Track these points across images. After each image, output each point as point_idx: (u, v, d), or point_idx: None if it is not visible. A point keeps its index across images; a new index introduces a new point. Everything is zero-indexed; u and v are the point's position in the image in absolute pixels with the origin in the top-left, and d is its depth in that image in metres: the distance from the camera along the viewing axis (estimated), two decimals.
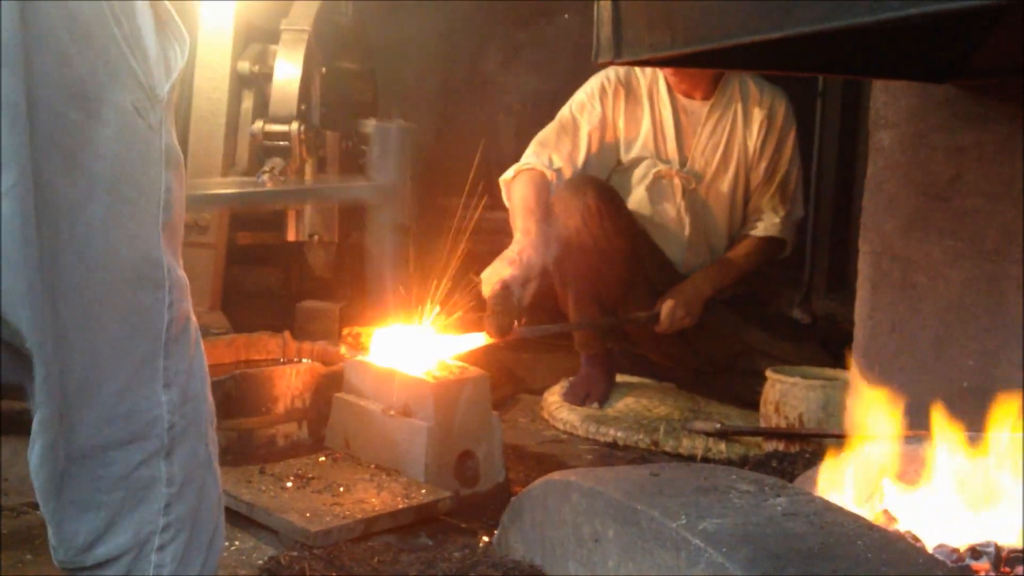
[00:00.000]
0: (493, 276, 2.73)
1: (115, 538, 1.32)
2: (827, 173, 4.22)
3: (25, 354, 1.22)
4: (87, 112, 1.21)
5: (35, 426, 1.27)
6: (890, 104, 2.32)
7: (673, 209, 3.28)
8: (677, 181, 3.25)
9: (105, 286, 1.27)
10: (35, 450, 1.28)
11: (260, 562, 1.94)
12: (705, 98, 3.24)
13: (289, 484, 2.27)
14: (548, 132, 3.20)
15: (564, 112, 3.24)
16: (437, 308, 2.63)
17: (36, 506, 2.22)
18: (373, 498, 2.22)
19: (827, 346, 3.29)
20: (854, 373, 2.42)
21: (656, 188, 3.27)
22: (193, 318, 1.39)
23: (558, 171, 3.12)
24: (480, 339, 2.67)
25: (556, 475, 1.81)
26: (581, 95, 3.26)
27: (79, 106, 1.21)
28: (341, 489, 2.26)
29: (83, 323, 1.26)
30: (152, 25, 1.29)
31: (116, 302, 1.28)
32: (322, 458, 2.45)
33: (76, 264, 1.24)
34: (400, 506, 2.20)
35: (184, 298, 1.34)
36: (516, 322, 2.71)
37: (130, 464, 1.31)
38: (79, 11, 1.20)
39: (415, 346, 2.55)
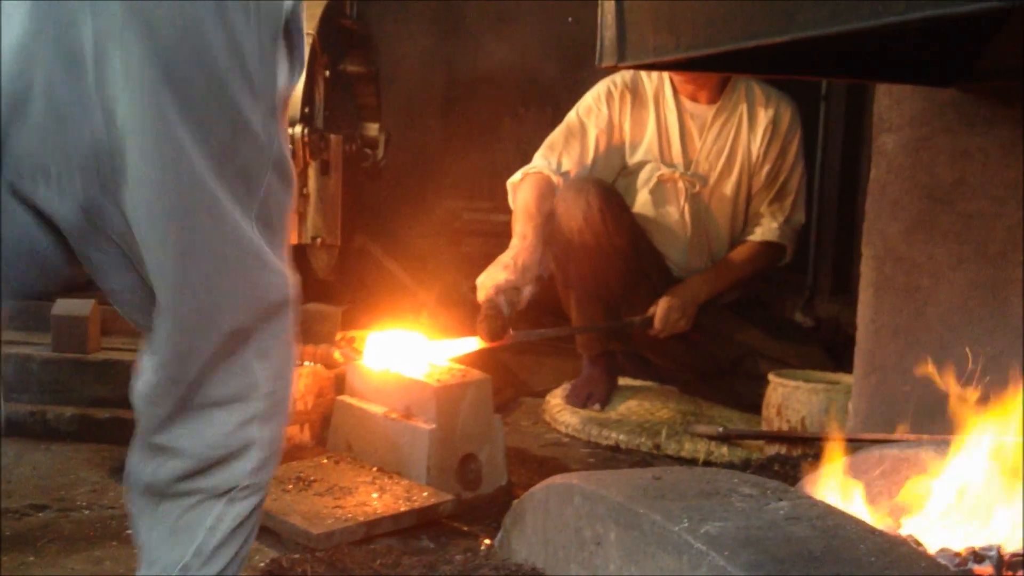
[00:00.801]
0: (488, 281, 2.74)
1: (203, 481, 1.41)
2: (831, 176, 4.21)
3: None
4: (234, 130, 1.32)
5: (153, 360, 1.37)
6: (894, 107, 2.31)
7: (676, 212, 3.28)
8: (681, 184, 3.25)
9: (225, 257, 1.36)
10: (151, 383, 1.39)
11: (262, 564, 1.94)
12: (711, 102, 3.24)
13: (291, 486, 2.27)
14: (556, 136, 3.21)
15: (571, 116, 3.25)
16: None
17: (39, 508, 2.23)
18: (375, 501, 2.22)
19: (830, 349, 3.29)
20: (857, 376, 2.42)
21: (660, 191, 3.27)
22: (290, 314, 1.46)
23: (565, 174, 3.12)
24: (473, 343, 2.67)
25: (558, 478, 1.81)
26: (588, 99, 3.27)
27: (230, 125, 1.32)
28: (343, 492, 2.26)
29: (206, 291, 1.36)
30: (285, 53, 1.40)
31: (231, 275, 1.37)
32: (324, 460, 2.45)
33: (202, 234, 1.33)
34: (402, 509, 2.20)
35: (288, 285, 1.43)
36: (509, 327, 2.71)
37: (231, 423, 1.41)
38: (238, 44, 1.29)
39: (408, 350, 2.55)
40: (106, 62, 1.22)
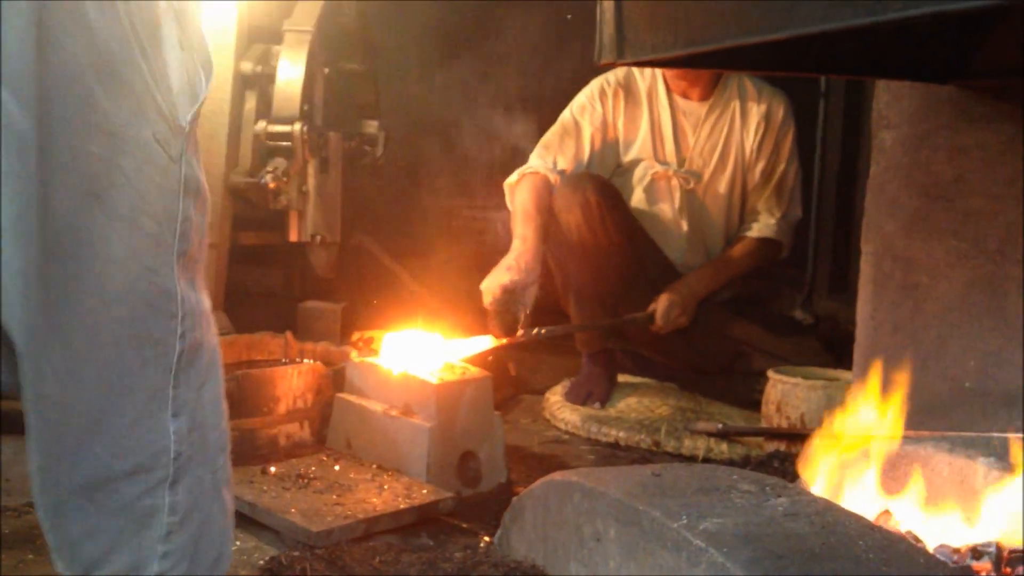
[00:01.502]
0: (492, 284, 2.76)
1: (115, 563, 1.31)
2: (830, 174, 4.21)
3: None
4: (110, 147, 1.20)
5: (29, 446, 1.29)
6: (892, 104, 2.31)
7: (671, 210, 3.28)
8: (675, 182, 3.26)
9: (121, 321, 1.26)
10: (32, 469, 1.30)
11: (261, 562, 1.94)
12: (703, 99, 3.24)
13: (290, 484, 2.27)
14: (551, 135, 3.22)
15: (565, 115, 3.25)
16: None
17: (32, 506, 2.23)
18: (375, 498, 2.22)
19: (829, 346, 3.29)
20: (856, 373, 2.42)
21: (654, 189, 3.27)
22: (210, 343, 1.37)
23: (562, 173, 3.13)
24: (486, 341, 2.69)
25: (558, 475, 1.81)
26: (582, 97, 3.27)
27: (102, 141, 1.20)
28: (342, 489, 2.26)
29: (98, 358, 1.26)
30: (179, 54, 1.28)
31: (131, 333, 1.27)
32: (324, 458, 2.45)
33: (95, 300, 1.23)
34: (402, 506, 2.20)
35: (197, 326, 1.33)
36: (519, 324, 2.73)
37: (133, 493, 1.30)
38: (107, 47, 1.19)
39: (423, 350, 2.56)
40: None
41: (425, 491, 2.28)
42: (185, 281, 1.31)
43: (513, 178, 3.13)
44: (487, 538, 2.10)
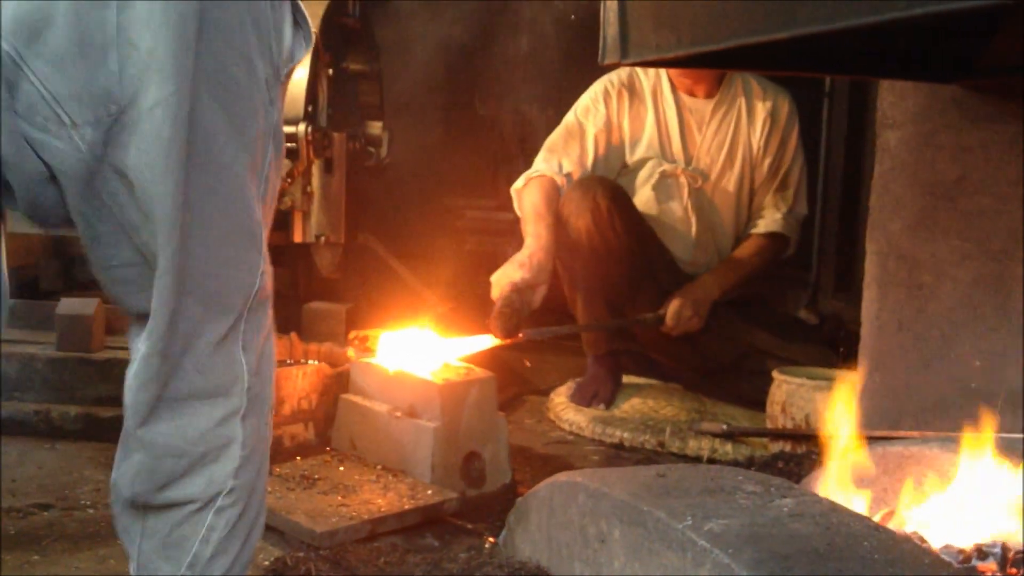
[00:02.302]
0: (503, 279, 2.76)
1: (187, 487, 1.37)
2: (834, 173, 4.21)
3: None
4: (248, 73, 1.30)
5: (145, 336, 1.33)
6: (897, 104, 2.31)
7: (680, 208, 3.28)
8: (683, 180, 3.26)
9: (228, 229, 1.33)
10: (140, 363, 1.34)
11: (266, 563, 1.94)
12: (708, 96, 3.24)
13: (295, 485, 2.27)
14: (555, 138, 3.22)
15: (569, 117, 3.25)
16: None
17: (43, 507, 2.24)
18: (379, 499, 2.22)
19: (834, 346, 3.28)
20: (861, 373, 2.41)
21: (662, 187, 3.27)
22: (270, 298, 1.43)
23: (568, 175, 3.13)
24: (486, 341, 2.68)
25: (562, 476, 1.81)
26: (585, 99, 3.27)
27: (244, 67, 1.29)
28: (347, 490, 2.26)
29: (205, 268, 1.32)
30: (290, 17, 1.39)
31: (229, 253, 1.34)
32: (328, 459, 2.45)
33: (211, 204, 1.29)
34: (406, 507, 2.20)
35: (269, 276, 1.40)
36: (523, 325, 2.72)
37: (213, 419, 1.37)
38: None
39: (422, 348, 2.56)
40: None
41: (430, 492, 2.28)
42: (265, 226, 1.38)
43: (519, 183, 3.13)
44: (491, 539, 2.11)
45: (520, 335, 2.73)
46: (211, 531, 1.40)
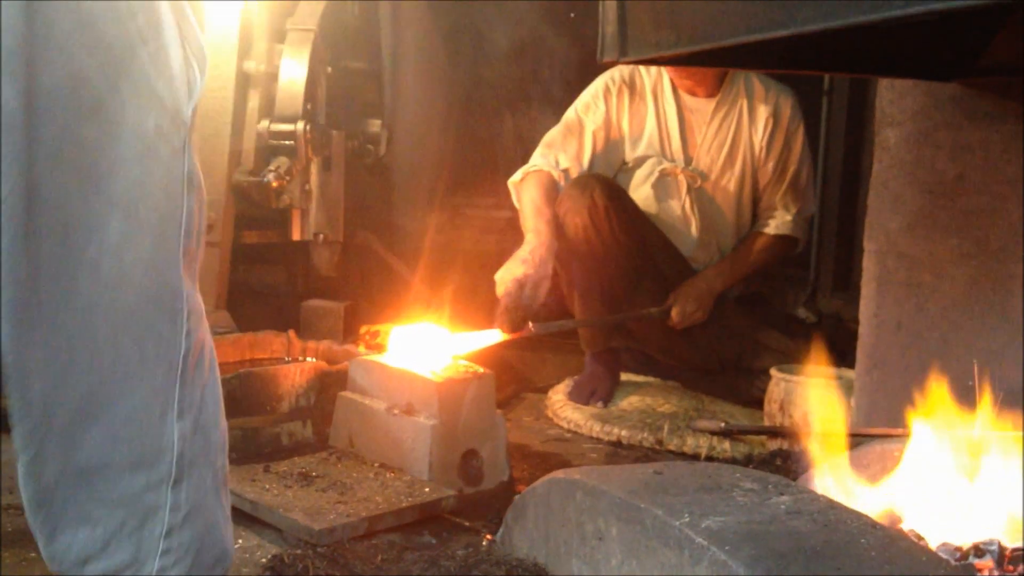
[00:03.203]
0: (507, 276, 2.76)
1: (113, 556, 1.30)
2: (833, 171, 4.21)
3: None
4: (104, 131, 1.19)
5: (16, 442, 1.27)
6: (896, 102, 2.31)
7: (679, 207, 3.28)
8: (682, 179, 3.26)
9: (118, 308, 1.25)
10: (20, 465, 1.28)
11: (264, 560, 1.94)
12: (709, 96, 3.24)
13: (293, 482, 2.27)
14: (554, 134, 3.22)
15: (569, 113, 3.26)
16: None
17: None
18: (377, 496, 2.22)
19: (832, 345, 3.28)
20: (859, 371, 2.42)
21: (661, 186, 3.27)
22: (209, 342, 1.37)
23: (565, 171, 3.13)
24: (493, 336, 2.69)
25: (560, 473, 1.81)
26: (586, 96, 3.27)
27: (95, 124, 1.18)
28: (345, 487, 2.26)
29: (92, 341, 1.25)
30: (178, 43, 1.26)
31: (130, 325, 1.26)
32: (326, 456, 2.45)
33: (89, 281, 1.22)
34: (404, 504, 2.20)
35: (200, 325, 1.33)
36: (529, 319, 2.74)
37: (134, 487, 1.30)
38: (100, 27, 1.17)
39: (430, 344, 2.55)
40: None
41: (427, 489, 2.28)
42: (188, 278, 1.30)
43: (517, 177, 3.13)
44: (489, 536, 2.11)
45: (529, 327, 2.75)
46: None
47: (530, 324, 2.76)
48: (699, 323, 3.19)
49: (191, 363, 1.31)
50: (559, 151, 3.17)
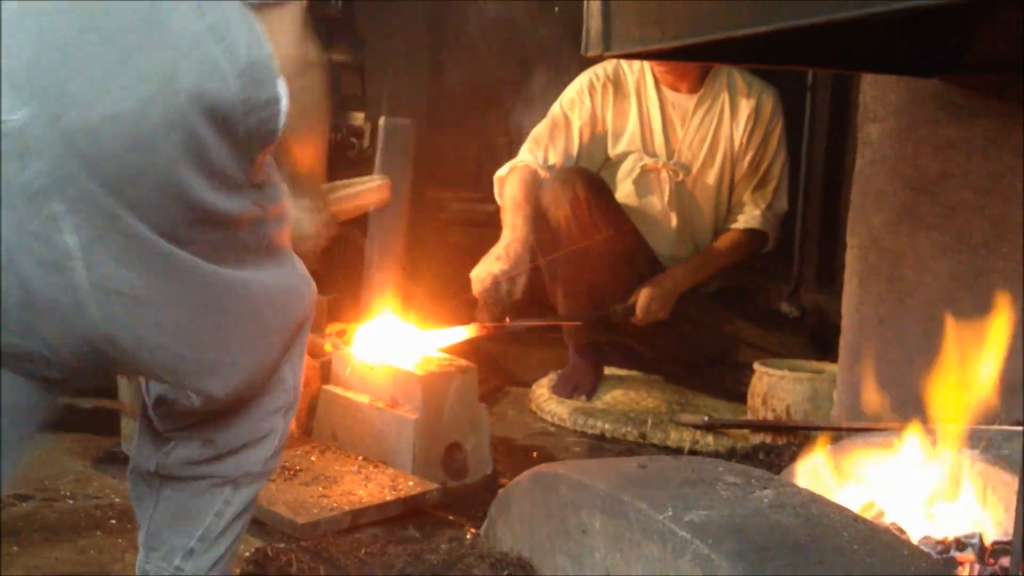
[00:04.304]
0: (482, 273, 2.77)
1: (219, 467, 1.45)
2: (816, 167, 4.22)
3: None
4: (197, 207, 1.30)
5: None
6: (879, 98, 2.32)
7: (660, 202, 3.28)
8: (664, 174, 3.26)
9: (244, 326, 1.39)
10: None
11: (247, 554, 1.94)
12: (692, 91, 3.24)
13: (276, 476, 2.27)
14: (541, 129, 3.22)
15: (555, 109, 3.25)
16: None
17: (23, 498, 2.23)
18: (360, 490, 2.22)
19: (815, 339, 3.30)
20: (841, 366, 2.43)
21: (643, 181, 3.27)
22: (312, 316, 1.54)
23: (551, 167, 3.13)
24: (467, 331, 2.69)
25: (544, 467, 1.81)
26: (570, 91, 3.27)
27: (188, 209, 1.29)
28: (328, 481, 2.26)
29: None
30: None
31: (257, 326, 1.41)
32: (310, 450, 2.45)
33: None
34: (387, 498, 2.20)
35: (305, 298, 1.53)
36: (506, 313, 2.74)
37: (262, 411, 1.46)
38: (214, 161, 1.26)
39: (401, 340, 2.55)
40: (95, 258, 1.18)
41: (411, 483, 2.28)
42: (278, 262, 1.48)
43: (503, 171, 3.13)
44: (473, 530, 2.11)
45: (506, 321, 2.76)
46: (227, 506, 1.45)
47: (507, 319, 2.77)
48: (662, 320, 3.18)
49: (301, 327, 1.50)
50: (546, 147, 3.17)
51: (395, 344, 2.54)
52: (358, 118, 4.02)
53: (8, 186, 1.13)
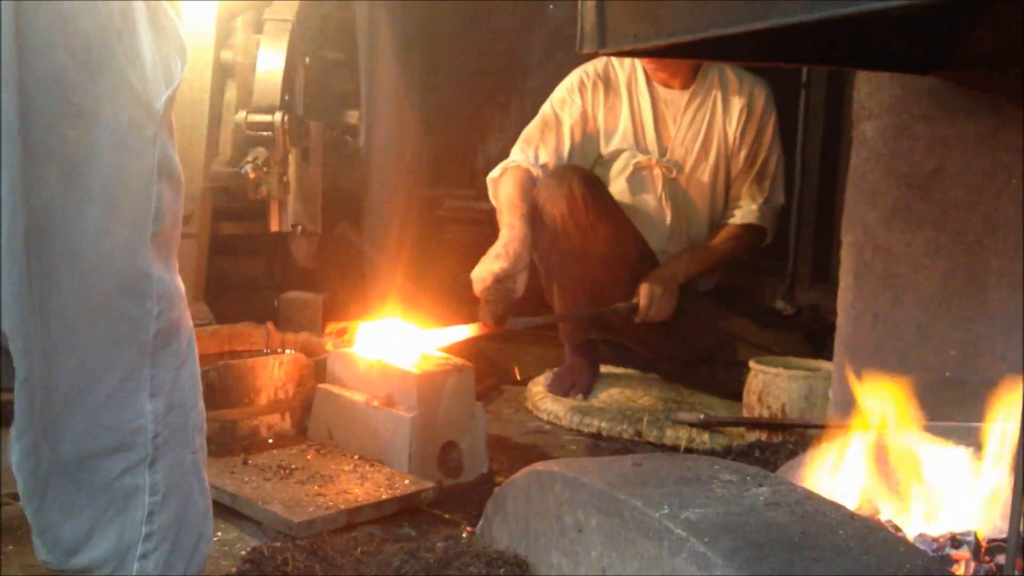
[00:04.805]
0: (483, 272, 2.76)
1: (97, 545, 1.34)
2: (811, 164, 4.22)
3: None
4: (83, 127, 1.23)
5: (14, 429, 1.31)
6: (873, 95, 2.32)
7: (654, 200, 3.29)
8: (657, 171, 3.26)
9: (96, 296, 1.29)
10: (15, 452, 1.32)
11: (243, 553, 1.94)
12: (684, 88, 3.24)
13: (271, 475, 2.27)
14: (532, 129, 3.22)
15: (546, 108, 3.25)
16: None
17: (17, 497, 2.21)
18: (356, 489, 2.22)
19: (810, 337, 3.30)
20: (837, 363, 2.43)
21: (636, 179, 3.28)
22: (187, 323, 1.40)
23: (544, 166, 3.13)
24: (469, 330, 2.69)
25: (540, 465, 1.81)
26: (561, 90, 3.27)
27: (76, 122, 1.22)
28: (324, 480, 2.26)
29: (73, 333, 1.29)
30: (152, 36, 1.29)
31: (105, 312, 1.30)
32: (305, 449, 2.44)
33: (70, 274, 1.26)
34: (383, 497, 2.20)
35: (173, 307, 1.35)
36: (508, 313, 2.73)
37: (113, 472, 1.33)
38: (79, 26, 1.20)
39: (403, 339, 2.55)
40: None
41: (407, 481, 2.28)
42: (160, 262, 1.33)
43: (496, 172, 3.13)
44: (469, 528, 2.11)
45: (506, 324, 2.75)
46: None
47: (510, 318, 2.76)
48: (667, 315, 3.18)
49: (161, 344, 1.34)
50: (538, 146, 3.17)
51: (397, 343, 2.54)
52: (353, 116, 4.01)
53: None
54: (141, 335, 1.32)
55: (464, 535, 2.05)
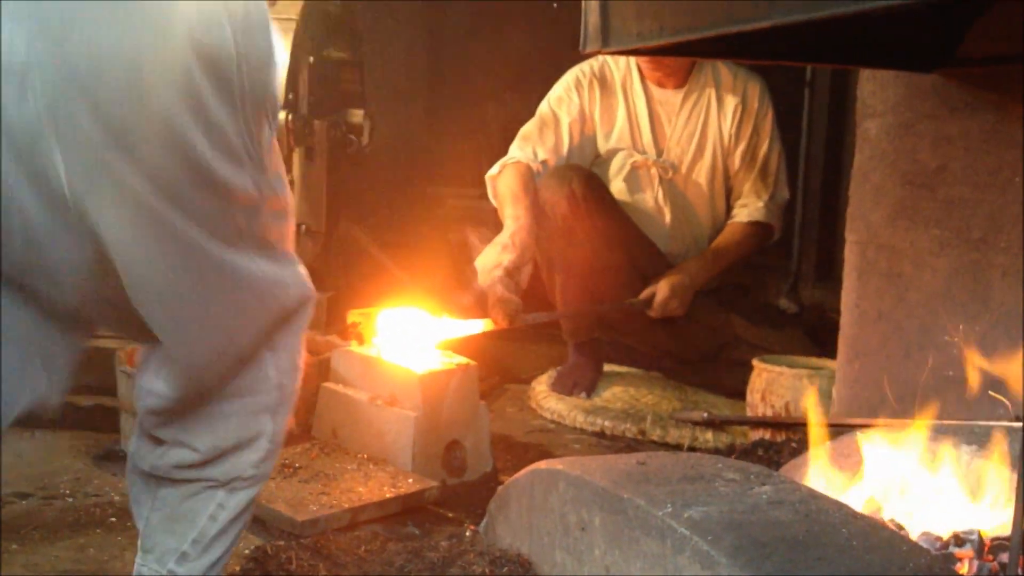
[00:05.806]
0: (489, 263, 2.71)
1: (210, 470, 1.44)
2: (815, 162, 4.22)
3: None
4: (222, 201, 1.32)
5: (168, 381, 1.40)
6: (877, 93, 2.32)
7: (651, 199, 3.29)
8: (653, 171, 3.26)
9: (228, 293, 1.38)
10: (163, 393, 1.41)
11: (247, 552, 1.94)
12: (678, 87, 3.24)
13: (276, 474, 2.27)
14: (530, 127, 3.21)
15: (543, 107, 3.25)
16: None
17: (22, 496, 2.23)
18: (360, 487, 2.22)
19: (814, 335, 3.29)
20: (840, 362, 2.42)
21: (633, 179, 3.28)
22: (310, 309, 1.51)
23: (543, 163, 3.13)
24: (483, 325, 2.65)
25: (543, 464, 1.81)
26: (558, 89, 3.27)
27: (216, 201, 1.31)
28: (328, 478, 2.26)
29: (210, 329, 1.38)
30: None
31: (240, 298, 1.39)
32: (309, 447, 2.45)
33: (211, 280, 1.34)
34: (387, 495, 2.20)
35: (300, 288, 1.49)
36: (520, 308, 2.70)
37: (245, 413, 1.44)
38: (220, 124, 1.26)
39: (417, 331, 2.54)
40: (89, 195, 1.19)
41: (411, 480, 2.28)
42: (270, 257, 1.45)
43: (495, 169, 3.12)
44: (473, 527, 2.11)
45: (518, 320, 2.71)
46: (221, 509, 1.44)
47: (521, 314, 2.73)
48: (677, 315, 3.18)
49: (290, 314, 1.47)
50: (536, 144, 3.16)
51: (412, 332, 2.52)
52: (357, 115, 4.01)
53: (8, 120, 1.14)
54: (275, 311, 1.44)
55: (468, 534, 2.05)
